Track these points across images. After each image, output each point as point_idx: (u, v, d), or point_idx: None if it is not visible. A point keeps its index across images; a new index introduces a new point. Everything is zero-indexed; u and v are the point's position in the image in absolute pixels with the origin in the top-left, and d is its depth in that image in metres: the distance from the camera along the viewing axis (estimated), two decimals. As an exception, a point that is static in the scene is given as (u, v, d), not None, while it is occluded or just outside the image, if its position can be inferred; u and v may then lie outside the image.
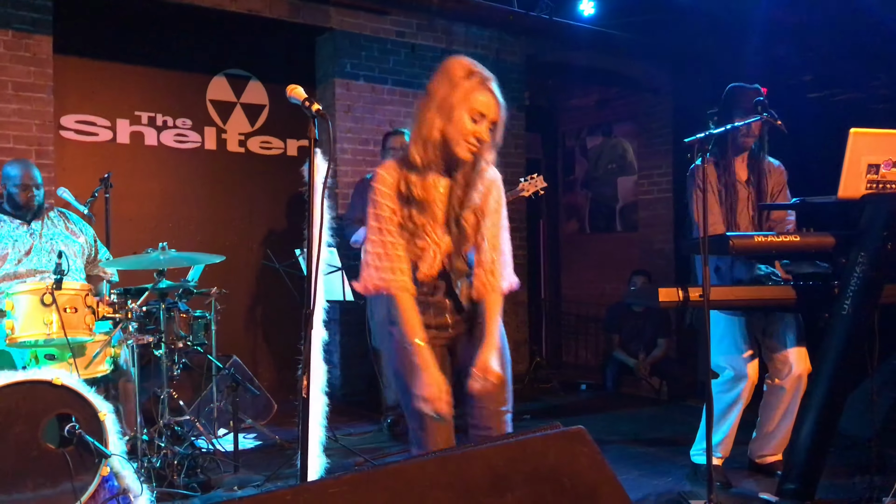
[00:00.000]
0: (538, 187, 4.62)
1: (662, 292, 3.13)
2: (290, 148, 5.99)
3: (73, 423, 3.01)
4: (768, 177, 3.59)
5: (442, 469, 1.47)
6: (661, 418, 5.25)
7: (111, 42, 5.22)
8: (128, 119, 5.31)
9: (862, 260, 2.88)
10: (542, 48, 6.65)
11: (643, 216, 7.37)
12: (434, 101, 2.26)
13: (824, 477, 3.10)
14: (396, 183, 2.31)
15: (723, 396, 3.53)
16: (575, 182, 8.10)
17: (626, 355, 6.32)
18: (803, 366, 3.48)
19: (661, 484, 3.67)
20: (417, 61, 6.08)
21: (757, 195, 3.57)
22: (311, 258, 2.41)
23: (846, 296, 2.91)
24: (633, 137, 7.53)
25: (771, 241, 3.07)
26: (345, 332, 5.75)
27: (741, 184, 3.58)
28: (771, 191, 3.59)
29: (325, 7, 5.61)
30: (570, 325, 8.04)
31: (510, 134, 6.62)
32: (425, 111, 2.27)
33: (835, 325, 2.95)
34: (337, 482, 1.36)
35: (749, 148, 3.58)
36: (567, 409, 5.58)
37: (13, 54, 4.56)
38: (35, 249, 3.78)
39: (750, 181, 3.58)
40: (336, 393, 5.56)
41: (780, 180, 3.64)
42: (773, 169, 3.64)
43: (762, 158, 3.60)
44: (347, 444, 4.21)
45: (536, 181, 4.62)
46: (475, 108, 2.22)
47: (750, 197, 3.57)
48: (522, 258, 6.76)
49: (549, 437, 1.59)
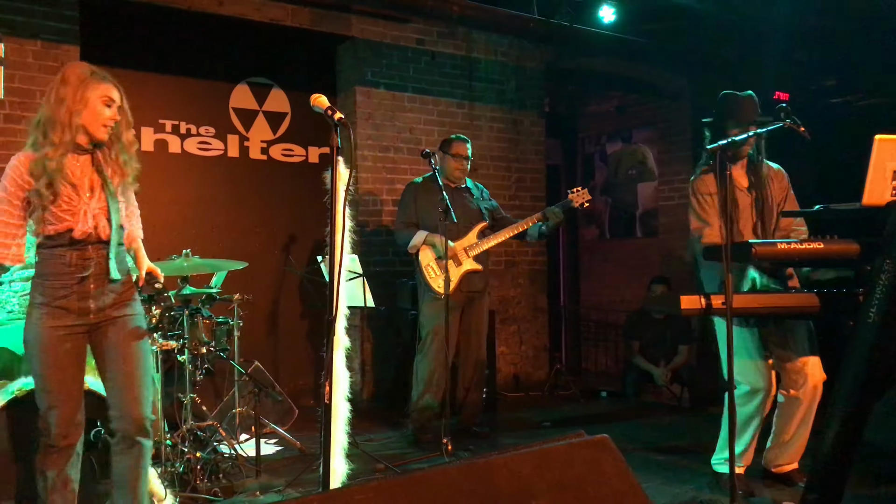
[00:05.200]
0: (584, 199, 4.71)
1: (684, 300, 3.12)
2: (311, 155, 6.03)
3: (98, 428, 3.05)
4: (770, 183, 3.57)
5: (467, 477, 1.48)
6: (681, 426, 5.22)
7: (136, 51, 5.29)
8: (152, 127, 5.37)
9: (888, 267, 2.84)
10: (562, 55, 6.66)
11: (663, 222, 7.34)
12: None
13: (848, 487, 3.06)
14: None
15: (741, 409, 3.50)
16: (595, 188, 8.08)
17: (646, 362, 6.29)
18: (819, 376, 3.45)
19: (682, 492, 3.65)
20: (437, 69, 6.11)
21: (761, 202, 3.54)
22: (333, 265, 2.43)
23: (871, 303, 2.88)
24: (652, 143, 7.51)
25: (794, 248, 3.05)
26: (365, 338, 5.77)
27: (742, 191, 3.55)
28: (776, 197, 3.56)
29: (347, 16, 5.65)
30: (590, 331, 8.01)
31: (530, 140, 6.63)
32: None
33: (860, 332, 2.92)
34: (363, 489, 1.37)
35: (746, 155, 3.56)
36: (587, 417, 5.55)
37: (41, 64, 4.63)
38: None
39: (751, 186, 3.56)
40: (357, 399, 5.58)
41: (784, 185, 3.61)
42: (774, 174, 3.61)
43: (760, 163, 3.57)
44: (368, 450, 4.22)
45: (583, 193, 4.72)
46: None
47: (752, 204, 3.55)
48: (542, 264, 6.76)
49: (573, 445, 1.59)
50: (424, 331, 4.66)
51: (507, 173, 6.50)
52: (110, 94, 2.67)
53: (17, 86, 4.56)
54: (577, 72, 7.09)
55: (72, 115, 2.60)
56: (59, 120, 2.60)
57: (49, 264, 2.63)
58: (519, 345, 6.58)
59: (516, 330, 6.56)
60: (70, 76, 2.65)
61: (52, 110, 2.61)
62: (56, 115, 2.60)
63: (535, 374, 6.61)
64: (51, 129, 2.60)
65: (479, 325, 4.77)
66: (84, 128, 2.64)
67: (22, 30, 4.56)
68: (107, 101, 2.66)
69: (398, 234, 4.77)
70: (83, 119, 2.62)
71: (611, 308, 7.69)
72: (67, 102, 2.60)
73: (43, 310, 2.62)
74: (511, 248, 6.47)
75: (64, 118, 2.60)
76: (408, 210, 4.75)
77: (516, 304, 6.57)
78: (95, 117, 2.65)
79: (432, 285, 4.55)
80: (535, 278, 6.69)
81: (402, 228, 4.73)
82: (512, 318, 6.53)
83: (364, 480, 1.27)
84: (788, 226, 3.58)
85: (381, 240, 5.79)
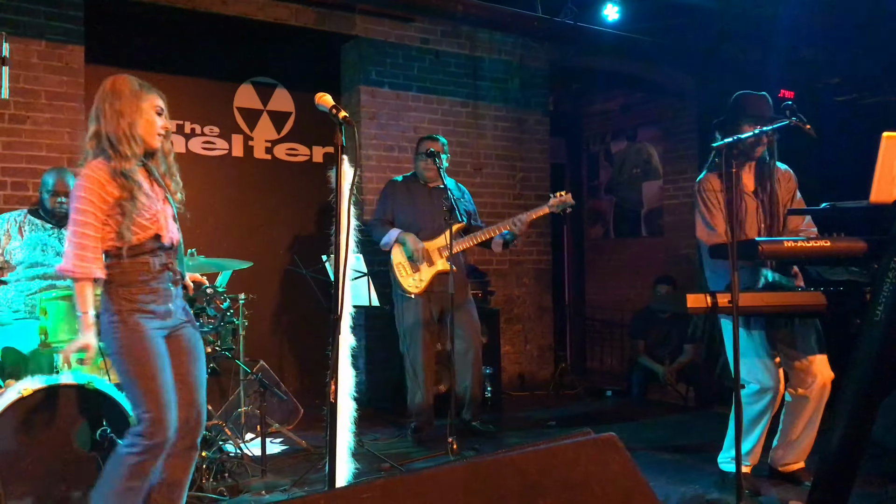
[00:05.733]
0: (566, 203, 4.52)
1: (690, 298, 3.11)
2: (315, 155, 6.03)
3: (104, 427, 3.06)
4: (779, 185, 3.54)
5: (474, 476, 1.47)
6: (687, 425, 5.21)
7: (140, 51, 5.30)
8: (156, 127, 5.38)
9: (895, 265, 2.83)
10: (567, 53, 6.65)
11: (668, 221, 7.32)
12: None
13: (856, 486, 3.05)
14: None
15: (750, 408, 3.49)
16: (599, 187, 8.07)
17: (651, 361, 6.27)
18: (827, 374, 3.44)
19: (688, 491, 3.64)
20: (441, 68, 6.11)
21: (767, 206, 3.52)
22: (338, 264, 2.43)
23: (878, 301, 2.86)
24: (657, 142, 7.49)
25: (801, 246, 3.03)
26: (370, 338, 5.77)
27: (748, 194, 3.52)
28: (783, 199, 3.54)
29: (351, 15, 5.65)
30: (595, 330, 8.00)
31: (534, 139, 6.63)
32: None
33: (867, 331, 2.91)
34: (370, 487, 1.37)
35: (757, 157, 3.53)
36: (593, 416, 5.54)
37: (46, 64, 4.64)
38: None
39: (758, 191, 3.53)
40: (362, 398, 5.57)
41: (791, 186, 3.59)
42: (783, 175, 3.58)
43: (771, 166, 3.54)
44: (374, 449, 4.22)
45: (565, 198, 4.54)
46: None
47: (759, 207, 3.53)
48: (547, 263, 6.75)
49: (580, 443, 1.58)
50: (401, 330, 4.70)
51: (511, 172, 6.49)
52: (160, 104, 2.75)
53: (21, 86, 4.57)
54: (582, 70, 7.08)
55: (132, 126, 2.65)
56: (123, 133, 2.64)
57: (132, 273, 2.64)
58: (524, 344, 6.57)
59: (521, 329, 6.56)
60: (121, 89, 2.69)
61: (113, 124, 2.64)
62: (119, 129, 2.63)
63: (540, 374, 6.60)
64: (118, 143, 2.63)
65: (467, 325, 4.70)
66: (143, 138, 2.69)
67: (27, 30, 4.57)
68: (158, 111, 2.73)
69: (373, 231, 4.79)
70: (141, 130, 2.67)
71: (616, 307, 7.68)
72: (126, 115, 2.65)
73: (135, 316, 2.62)
74: (515, 248, 6.46)
75: (127, 130, 2.64)
76: (384, 207, 4.79)
77: (521, 304, 6.56)
78: (151, 127, 2.71)
79: (402, 284, 4.58)
80: (540, 277, 6.68)
81: (378, 225, 4.76)
82: (517, 318, 6.52)
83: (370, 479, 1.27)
84: (798, 226, 3.55)
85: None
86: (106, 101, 2.66)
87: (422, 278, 4.55)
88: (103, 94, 2.69)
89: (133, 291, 2.63)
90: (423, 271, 4.56)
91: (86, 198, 2.57)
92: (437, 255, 4.57)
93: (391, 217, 4.75)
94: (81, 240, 2.56)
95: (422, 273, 4.56)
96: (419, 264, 4.56)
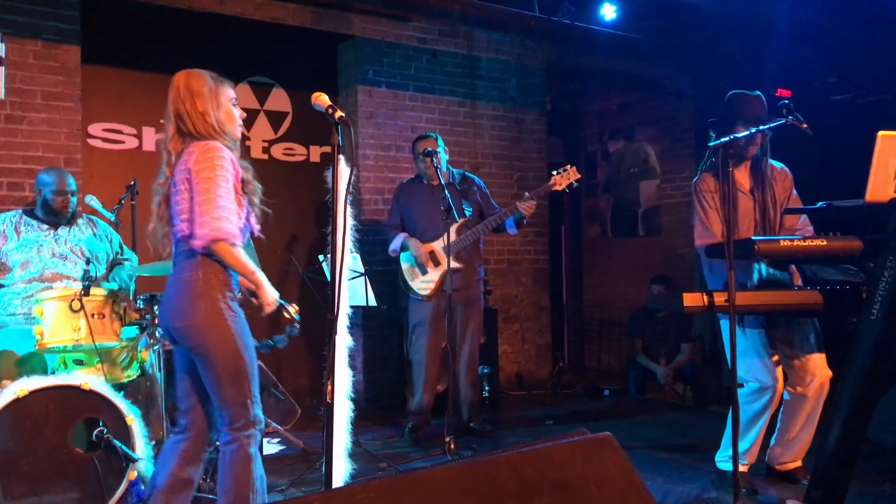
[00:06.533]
0: (571, 179, 4.55)
1: (687, 297, 3.11)
2: (312, 154, 6.03)
3: (101, 428, 3.06)
4: (774, 184, 3.54)
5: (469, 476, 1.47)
6: (685, 424, 5.21)
7: (137, 51, 5.29)
8: (154, 127, 5.37)
9: (891, 264, 2.83)
10: (564, 53, 6.65)
11: (666, 220, 7.32)
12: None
13: (852, 484, 3.05)
14: None
15: (749, 406, 3.49)
16: (597, 186, 8.07)
17: (649, 360, 6.28)
18: (825, 373, 3.45)
19: (686, 490, 3.65)
20: (439, 67, 6.10)
21: (763, 204, 3.52)
22: (334, 264, 2.43)
23: (875, 300, 2.87)
24: (655, 141, 7.49)
25: (797, 245, 3.04)
26: (368, 337, 5.76)
27: (744, 193, 3.52)
28: (779, 198, 3.54)
29: (348, 14, 5.64)
30: (593, 329, 8.00)
31: (532, 139, 6.62)
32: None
33: (863, 329, 2.91)
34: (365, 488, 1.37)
35: (751, 157, 3.53)
36: (590, 415, 5.55)
37: (42, 64, 4.63)
38: (60, 255, 3.84)
39: (754, 190, 3.53)
40: (359, 398, 5.58)
41: (787, 185, 3.58)
42: (778, 174, 3.58)
43: (766, 165, 3.54)
44: (371, 449, 4.22)
45: (570, 173, 4.55)
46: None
47: (755, 207, 3.53)
48: (544, 263, 6.75)
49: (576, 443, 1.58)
50: (409, 330, 4.73)
51: (509, 171, 6.49)
52: (233, 94, 2.76)
53: (17, 86, 4.56)
54: (579, 70, 7.07)
55: (219, 124, 2.65)
56: (215, 129, 2.63)
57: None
58: (522, 343, 6.57)
59: (519, 328, 6.56)
60: (199, 88, 2.66)
61: (201, 124, 2.62)
62: (207, 128, 2.62)
63: (537, 373, 6.60)
64: (218, 139, 2.62)
65: (472, 323, 4.72)
66: (231, 133, 2.70)
67: (22, 30, 4.56)
68: (234, 102, 2.74)
69: (388, 238, 4.83)
70: (227, 125, 2.68)
71: (613, 306, 7.68)
72: (211, 113, 2.64)
73: (235, 302, 2.63)
74: (513, 247, 6.46)
75: (216, 127, 2.64)
76: (393, 212, 4.85)
77: (519, 303, 6.56)
78: (233, 118, 2.72)
79: (413, 286, 4.61)
80: (538, 277, 6.68)
81: (389, 231, 4.82)
82: (514, 317, 6.52)
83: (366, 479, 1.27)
84: (794, 225, 3.55)
85: (382, 238, 5.76)
86: (186, 103, 2.62)
87: (431, 279, 4.56)
88: (181, 95, 2.64)
89: (234, 277, 2.64)
90: (431, 272, 4.58)
91: (225, 167, 2.55)
92: (442, 254, 4.57)
93: (400, 221, 4.78)
94: (228, 203, 2.52)
95: (430, 274, 4.58)
96: (426, 266, 4.58)
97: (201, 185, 2.51)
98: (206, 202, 2.49)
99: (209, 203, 2.49)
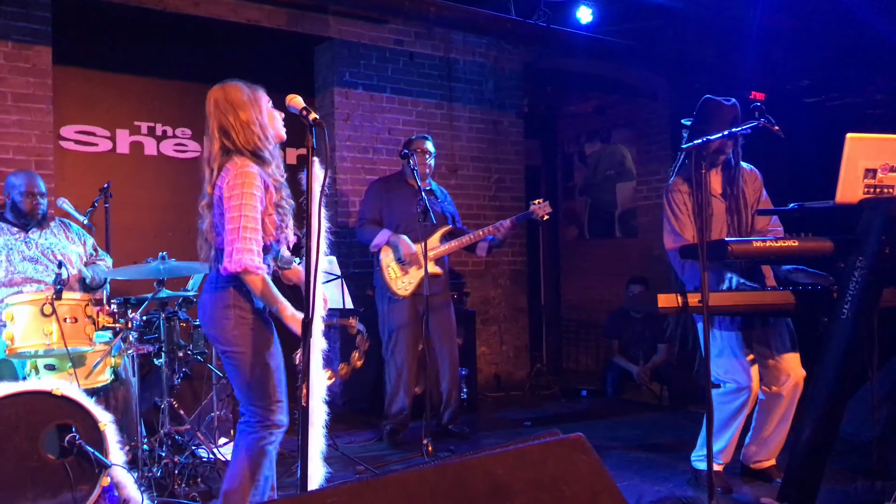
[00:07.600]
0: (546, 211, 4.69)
1: (661, 298, 3.14)
2: (289, 156, 5.99)
3: (73, 434, 3.01)
4: (745, 186, 3.58)
5: (442, 478, 1.47)
6: (661, 424, 5.24)
7: (110, 52, 5.23)
8: (127, 129, 5.32)
9: (860, 264, 2.88)
10: (540, 55, 6.67)
11: (642, 222, 7.37)
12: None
13: (825, 482, 3.09)
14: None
15: (726, 407, 3.51)
16: (574, 188, 8.10)
17: (626, 361, 6.32)
18: (799, 372, 3.49)
19: (662, 489, 3.67)
20: (416, 69, 6.10)
21: (734, 208, 3.55)
22: (308, 266, 2.41)
23: (845, 300, 2.92)
24: (631, 143, 7.54)
25: (769, 245, 3.07)
26: (344, 340, 5.74)
27: (716, 197, 3.55)
28: (749, 199, 3.58)
29: (324, 16, 5.62)
30: (571, 331, 8.03)
31: (509, 141, 6.64)
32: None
33: (834, 329, 2.95)
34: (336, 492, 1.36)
35: (721, 162, 3.56)
36: (568, 416, 5.57)
37: (13, 65, 4.57)
38: (31, 259, 3.79)
39: (726, 192, 3.56)
40: (336, 401, 5.55)
41: (757, 186, 3.62)
42: (748, 176, 3.61)
43: (737, 170, 3.57)
44: (348, 453, 4.20)
45: (546, 205, 4.70)
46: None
47: (728, 209, 3.56)
48: (522, 265, 6.77)
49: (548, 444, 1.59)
50: (386, 333, 4.66)
51: (486, 174, 6.50)
52: (267, 96, 2.76)
53: (-13, 87, 4.50)
54: (556, 72, 7.11)
55: (265, 130, 2.66)
56: (259, 138, 2.64)
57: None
58: (500, 345, 6.58)
59: (497, 330, 6.57)
60: (238, 98, 2.67)
61: (246, 135, 2.63)
62: (254, 137, 2.64)
63: (515, 374, 6.61)
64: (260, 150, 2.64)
65: (447, 328, 4.71)
66: (276, 137, 2.73)
67: (-7, 31, 4.50)
68: (271, 104, 2.75)
69: (360, 231, 4.77)
70: (272, 130, 2.70)
71: (591, 307, 7.72)
72: (255, 122, 2.65)
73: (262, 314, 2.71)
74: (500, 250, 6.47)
75: (262, 135, 2.65)
76: (371, 207, 4.76)
77: (497, 305, 6.57)
78: (275, 119, 2.74)
79: (392, 286, 4.57)
80: (516, 278, 6.69)
81: (365, 225, 4.73)
82: (492, 319, 6.53)
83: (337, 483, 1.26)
84: (765, 227, 3.59)
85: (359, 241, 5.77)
86: (229, 115, 2.63)
87: (410, 281, 4.54)
88: (222, 109, 2.65)
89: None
90: (411, 274, 4.56)
91: (254, 196, 2.56)
92: (421, 258, 4.56)
93: (379, 217, 4.72)
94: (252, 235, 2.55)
95: (410, 276, 4.55)
96: (409, 267, 4.56)
97: (229, 213, 2.56)
98: (233, 231, 2.54)
99: (235, 233, 2.54)
